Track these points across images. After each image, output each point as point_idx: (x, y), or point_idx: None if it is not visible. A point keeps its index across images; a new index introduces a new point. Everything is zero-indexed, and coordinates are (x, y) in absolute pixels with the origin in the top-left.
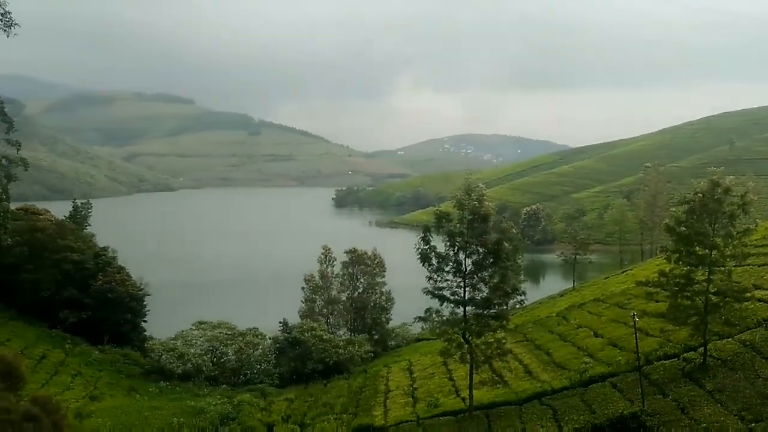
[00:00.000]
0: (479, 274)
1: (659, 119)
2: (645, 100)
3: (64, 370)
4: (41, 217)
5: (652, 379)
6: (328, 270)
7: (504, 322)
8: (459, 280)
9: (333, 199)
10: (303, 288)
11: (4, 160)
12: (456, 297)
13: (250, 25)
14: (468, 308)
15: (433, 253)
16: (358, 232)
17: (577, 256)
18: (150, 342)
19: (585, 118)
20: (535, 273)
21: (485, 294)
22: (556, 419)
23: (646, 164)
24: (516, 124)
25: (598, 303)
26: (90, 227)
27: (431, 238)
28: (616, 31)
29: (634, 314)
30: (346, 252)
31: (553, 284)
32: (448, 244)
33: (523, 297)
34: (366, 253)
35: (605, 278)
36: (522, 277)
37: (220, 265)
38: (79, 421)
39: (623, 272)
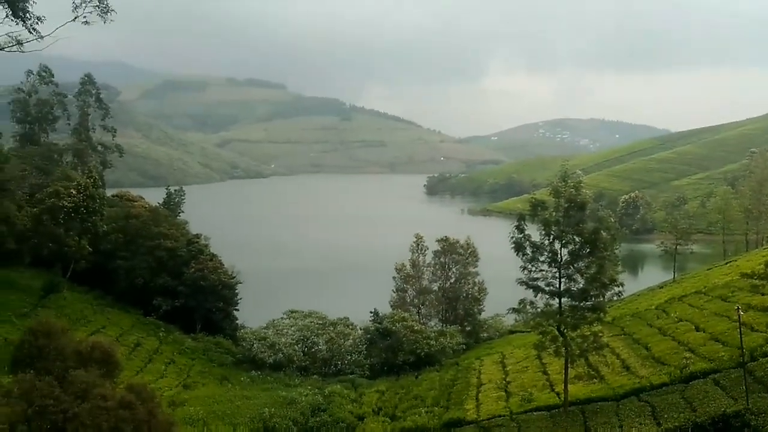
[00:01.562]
0: (575, 265)
1: None
2: (752, 81)
3: (158, 358)
4: (136, 203)
5: (757, 376)
6: (420, 259)
7: (600, 314)
8: (554, 270)
9: (424, 186)
10: (394, 277)
11: (99, 147)
12: (551, 288)
13: (339, 7)
14: (563, 300)
15: (527, 242)
16: (450, 220)
17: (678, 247)
18: (242, 331)
19: (686, 100)
20: (634, 264)
21: (581, 285)
22: (654, 417)
23: (752, 149)
24: (613, 107)
25: (700, 296)
26: (183, 214)
27: (526, 227)
28: (720, 4)
29: (738, 308)
30: (438, 240)
31: (652, 276)
32: (543, 233)
33: (620, 289)
34: (458, 242)
35: (708, 270)
36: (620, 267)
37: (311, 253)
38: (173, 410)
39: (727, 263)
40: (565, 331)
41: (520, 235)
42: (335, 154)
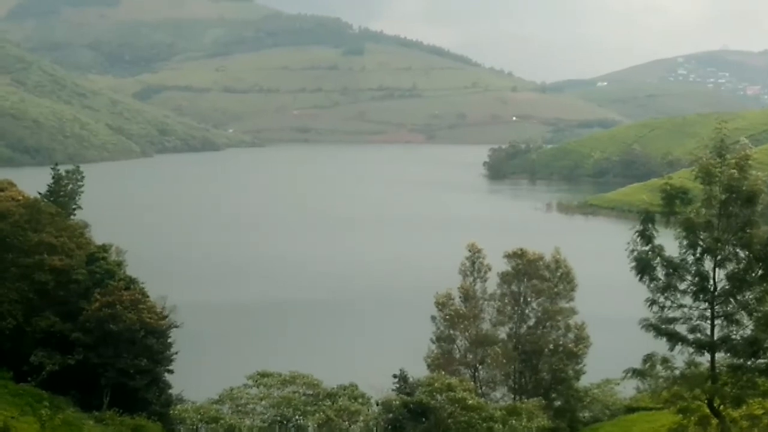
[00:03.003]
0: (739, 297)
1: None
2: None
3: None
4: (1, 194)
5: None
6: (477, 287)
7: None
8: (703, 305)
9: (485, 164)
10: (434, 317)
11: None
12: (697, 336)
13: None
14: (718, 356)
15: (658, 259)
16: (527, 222)
17: None
18: (178, 407)
19: None
20: None
21: (749, 331)
22: None
23: None
24: None
25: None
26: (81, 211)
27: (655, 234)
28: None
29: None
30: (507, 256)
31: None
32: (686, 243)
33: None
34: (541, 259)
35: None
36: None
37: (295, 276)
38: None
39: None
40: (722, 408)
41: (647, 248)
42: (335, 112)
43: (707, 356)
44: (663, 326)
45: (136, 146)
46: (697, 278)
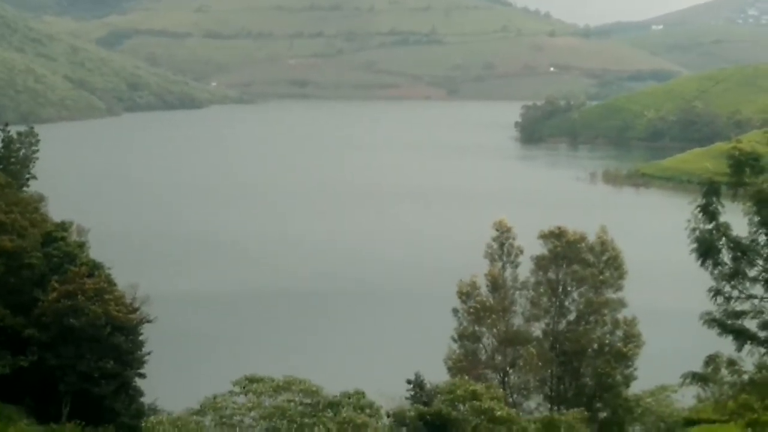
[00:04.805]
0: None
1: None
2: None
3: None
4: None
5: None
6: (507, 273)
7: None
8: None
9: (516, 125)
10: (456, 311)
11: None
12: None
13: None
14: None
15: (723, 240)
16: (566, 195)
17: None
18: (151, 419)
19: None
20: None
21: None
22: None
23: None
24: None
25: None
26: (36, 182)
27: (720, 209)
28: None
29: None
30: (543, 236)
31: None
32: (757, 220)
33: None
34: (584, 240)
35: None
36: None
37: (291, 260)
38: None
39: None
40: None
41: (710, 226)
42: (338, 61)
43: None
44: (729, 321)
45: (101, 103)
46: None
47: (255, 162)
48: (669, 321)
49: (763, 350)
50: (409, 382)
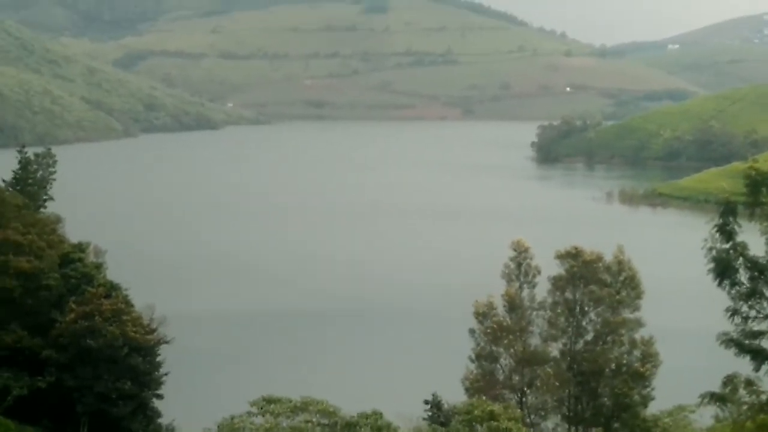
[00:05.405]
0: None
1: None
2: None
3: None
4: None
5: None
6: (524, 294)
7: None
8: None
9: (533, 144)
10: (473, 331)
11: None
12: None
13: None
14: None
15: (741, 260)
16: (583, 216)
17: None
18: None
19: None
20: None
21: None
22: None
23: None
24: None
25: None
26: (53, 203)
27: (737, 229)
28: None
29: None
30: (560, 256)
31: None
32: None
33: None
34: (601, 260)
35: None
36: None
37: (308, 281)
38: None
39: None
40: None
41: (727, 246)
42: (354, 82)
43: None
44: (747, 341)
45: (118, 124)
46: None
47: (271, 182)
48: (687, 341)
49: None
50: (426, 402)
